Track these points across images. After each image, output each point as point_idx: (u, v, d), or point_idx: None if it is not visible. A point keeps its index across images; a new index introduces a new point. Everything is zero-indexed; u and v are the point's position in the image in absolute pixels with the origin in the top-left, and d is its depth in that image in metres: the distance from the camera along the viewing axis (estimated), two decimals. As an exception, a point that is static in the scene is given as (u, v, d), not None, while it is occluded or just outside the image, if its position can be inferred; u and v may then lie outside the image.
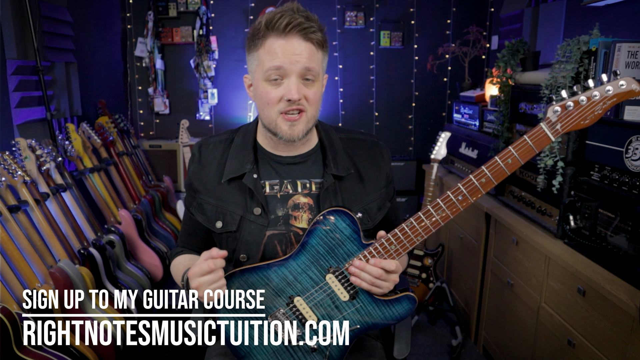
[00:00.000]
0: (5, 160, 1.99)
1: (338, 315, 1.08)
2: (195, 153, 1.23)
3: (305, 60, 1.04)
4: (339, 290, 1.07)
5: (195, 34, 4.01)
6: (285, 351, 1.10)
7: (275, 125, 1.09)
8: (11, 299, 1.71)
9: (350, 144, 1.23)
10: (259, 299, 1.08)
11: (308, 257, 1.07)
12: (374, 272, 1.01)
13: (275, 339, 1.10)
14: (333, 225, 1.06)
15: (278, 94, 1.06)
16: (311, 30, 1.04)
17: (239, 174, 1.15)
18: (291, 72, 1.04)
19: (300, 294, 1.08)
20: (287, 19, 1.02)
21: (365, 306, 1.07)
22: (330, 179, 1.15)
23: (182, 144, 3.52)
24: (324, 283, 1.07)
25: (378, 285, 1.02)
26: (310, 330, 1.08)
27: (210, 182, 1.18)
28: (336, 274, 1.07)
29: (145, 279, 2.58)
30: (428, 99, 4.29)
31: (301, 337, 1.09)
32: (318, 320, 1.08)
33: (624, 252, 1.44)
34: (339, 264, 1.06)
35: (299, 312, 1.08)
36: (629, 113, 1.50)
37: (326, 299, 1.07)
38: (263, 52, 1.05)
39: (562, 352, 1.65)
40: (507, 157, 0.98)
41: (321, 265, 1.07)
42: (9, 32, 2.36)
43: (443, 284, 2.50)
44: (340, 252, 1.06)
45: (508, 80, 2.17)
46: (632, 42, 1.51)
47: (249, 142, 1.19)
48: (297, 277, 1.08)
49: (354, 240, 1.06)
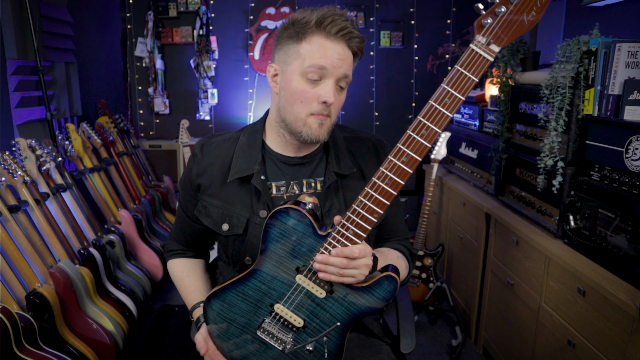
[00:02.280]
0: (5, 160, 1.99)
1: (322, 312, 1.02)
2: (197, 153, 1.20)
3: (346, 67, 1.05)
4: (314, 289, 1.01)
5: (195, 34, 4.02)
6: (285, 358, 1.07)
7: (303, 124, 1.06)
8: (11, 299, 1.71)
9: (354, 142, 1.23)
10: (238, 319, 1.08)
11: (272, 263, 1.02)
12: (337, 262, 0.94)
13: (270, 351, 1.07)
14: (284, 226, 1.00)
15: (314, 94, 1.04)
16: (356, 39, 1.05)
17: (247, 175, 1.13)
18: (331, 75, 1.04)
19: (279, 300, 1.04)
20: (340, 24, 1.02)
21: (345, 297, 1.01)
22: (332, 176, 1.15)
23: (182, 144, 3.52)
24: (296, 285, 1.02)
25: (348, 274, 0.96)
26: (301, 334, 1.05)
27: (215, 183, 1.16)
28: (304, 272, 1.01)
29: (145, 279, 2.58)
30: (428, 99, 4.28)
31: (296, 343, 1.05)
32: (305, 322, 1.04)
33: (624, 252, 1.44)
34: (305, 262, 1.01)
35: (283, 318, 1.04)
36: (629, 113, 1.50)
37: (305, 299, 1.02)
38: (307, 47, 1.03)
39: (562, 352, 1.65)
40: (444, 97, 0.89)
41: (287, 267, 1.02)
42: (9, 32, 2.36)
43: (443, 284, 2.50)
44: (302, 250, 1.00)
45: (508, 80, 2.17)
46: (632, 42, 1.52)
47: (256, 142, 1.17)
48: (270, 285, 1.03)
49: (310, 235, 0.99)
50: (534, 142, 1.99)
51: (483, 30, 0.84)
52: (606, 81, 1.55)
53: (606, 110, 1.56)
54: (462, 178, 2.80)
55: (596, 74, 1.59)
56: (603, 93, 1.57)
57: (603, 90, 1.57)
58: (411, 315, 1.36)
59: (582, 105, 1.66)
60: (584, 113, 1.66)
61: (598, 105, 1.59)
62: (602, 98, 1.58)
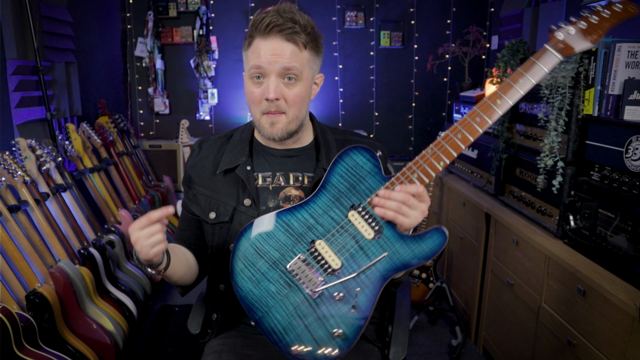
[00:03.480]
0: (5, 160, 1.99)
1: (364, 258, 0.99)
2: (196, 149, 1.27)
3: (285, 60, 1.05)
4: (363, 228, 1.00)
5: (195, 34, 4.01)
6: (307, 304, 1.00)
7: (259, 124, 1.13)
8: (11, 299, 1.71)
9: (345, 144, 1.24)
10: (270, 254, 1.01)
11: (329, 197, 1.03)
12: (399, 197, 0.95)
13: (292, 296, 1.01)
14: (352, 161, 1.03)
15: (260, 92, 1.09)
16: (293, 30, 1.05)
17: (233, 166, 1.19)
18: (270, 72, 1.07)
19: (322, 237, 1.01)
20: (268, 20, 1.04)
21: (392, 244, 0.99)
22: (321, 172, 1.16)
23: (182, 144, 3.52)
24: (346, 221, 1.01)
25: (404, 212, 0.96)
26: (334, 277, 1.00)
27: (206, 174, 1.22)
28: (359, 210, 1.01)
29: (145, 279, 2.58)
30: (428, 99, 4.29)
31: (323, 284, 0.99)
32: (342, 264, 1.00)
33: (624, 252, 1.44)
34: (361, 201, 1.01)
35: (321, 256, 1.01)
36: (629, 113, 1.50)
37: (349, 240, 1.00)
38: (250, 52, 1.09)
39: (562, 352, 1.65)
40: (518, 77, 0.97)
41: (343, 203, 1.02)
42: (9, 32, 2.36)
43: (443, 284, 2.50)
44: (362, 188, 1.02)
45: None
46: (632, 42, 1.52)
47: (246, 137, 1.23)
48: (318, 219, 1.02)
49: (375, 175, 1.02)
50: (534, 142, 1.99)
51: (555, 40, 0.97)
52: (606, 81, 1.55)
53: (606, 110, 1.57)
54: (462, 178, 2.81)
55: (596, 74, 1.59)
56: (603, 93, 1.57)
57: (603, 90, 1.57)
58: (407, 323, 1.34)
59: (582, 105, 1.66)
60: (584, 113, 1.66)
61: (598, 105, 1.59)
62: (602, 98, 1.58)
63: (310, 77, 1.12)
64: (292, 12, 1.07)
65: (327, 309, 1.00)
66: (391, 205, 0.97)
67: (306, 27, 1.07)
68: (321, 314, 1.00)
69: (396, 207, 0.96)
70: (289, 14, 1.06)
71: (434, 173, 0.99)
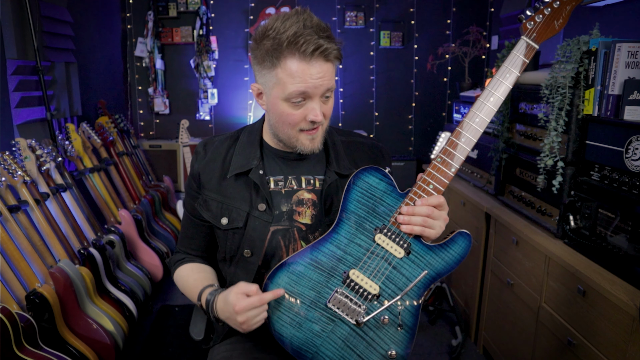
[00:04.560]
0: (5, 160, 1.99)
1: (399, 277, 1.01)
2: (200, 151, 1.23)
3: (327, 82, 1.03)
4: (392, 249, 1.01)
5: (195, 34, 4.02)
6: (354, 335, 1.02)
7: (296, 141, 1.09)
8: (11, 299, 1.71)
9: (351, 146, 1.25)
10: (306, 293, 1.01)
11: (351, 225, 1.03)
12: (423, 211, 0.98)
13: (338, 330, 1.01)
14: (365, 184, 1.04)
15: (301, 115, 1.05)
16: (333, 52, 1.01)
17: (245, 170, 1.15)
18: (315, 96, 1.03)
19: (354, 266, 1.02)
20: (313, 45, 0.97)
21: (423, 257, 1.02)
22: (333, 175, 1.17)
23: (182, 144, 3.52)
24: (375, 246, 1.02)
25: (430, 225, 0.99)
26: (375, 302, 1.01)
27: (215, 178, 1.18)
28: (384, 231, 1.02)
29: (145, 279, 2.58)
30: (428, 99, 4.29)
31: (368, 312, 1.01)
32: (380, 289, 1.01)
33: (624, 252, 1.44)
34: (384, 222, 1.02)
35: (358, 285, 1.01)
36: (629, 113, 1.50)
37: (382, 262, 1.01)
38: (283, 73, 1.01)
39: (562, 352, 1.65)
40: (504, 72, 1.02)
41: (366, 228, 1.03)
42: (9, 32, 2.36)
43: (443, 284, 2.50)
44: (382, 210, 1.03)
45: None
46: (632, 42, 1.51)
47: (255, 140, 1.20)
48: (346, 250, 1.03)
49: (391, 193, 1.04)
50: (534, 142, 1.99)
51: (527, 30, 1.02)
52: (606, 81, 1.55)
53: (606, 110, 1.56)
54: (462, 178, 2.81)
55: (596, 74, 1.59)
56: (603, 93, 1.57)
57: (603, 90, 1.57)
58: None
59: (582, 105, 1.66)
60: (584, 113, 1.66)
61: (598, 105, 1.59)
62: (602, 98, 1.58)
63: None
64: (324, 29, 1.01)
65: (375, 334, 1.02)
66: (416, 220, 0.99)
67: (338, 41, 1.04)
68: (371, 340, 1.02)
69: (422, 222, 0.99)
70: (325, 32, 1.00)
71: (448, 180, 1.01)
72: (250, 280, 1.15)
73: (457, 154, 1.01)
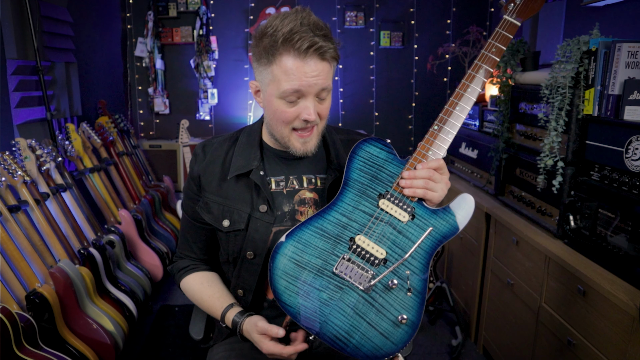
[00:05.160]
0: (5, 160, 1.99)
1: (405, 240, 1.02)
2: (199, 153, 1.21)
3: (322, 81, 1.03)
4: (397, 213, 1.02)
5: (195, 34, 4.01)
6: (363, 302, 0.99)
7: (288, 141, 1.10)
8: (11, 299, 1.71)
9: (350, 144, 1.23)
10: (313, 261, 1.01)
11: (354, 192, 1.05)
12: (424, 174, 1.02)
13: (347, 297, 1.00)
14: (367, 154, 1.07)
15: (294, 113, 1.05)
16: (329, 50, 1.01)
17: (246, 171, 1.15)
18: (309, 94, 1.03)
19: (359, 232, 1.02)
20: (308, 42, 0.97)
21: (427, 220, 1.03)
22: (334, 173, 1.17)
23: (182, 144, 3.52)
24: (379, 211, 1.03)
25: (432, 187, 1.02)
26: (382, 267, 1.00)
27: (215, 180, 1.18)
28: (387, 197, 1.04)
29: (145, 279, 2.58)
30: (428, 99, 4.29)
31: (376, 277, 1.00)
32: (387, 253, 1.01)
33: (624, 252, 1.44)
34: (387, 188, 1.05)
35: (365, 250, 1.01)
36: (629, 113, 1.50)
37: (387, 227, 1.02)
38: (278, 70, 1.01)
39: (562, 352, 1.65)
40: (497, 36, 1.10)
41: (370, 195, 1.04)
42: (9, 32, 2.36)
43: (443, 284, 2.50)
44: (384, 176, 1.06)
45: (508, 80, 2.17)
46: (632, 42, 1.51)
47: (255, 140, 1.19)
48: (351, 216, 1.03)
49: (392, 160, 1.07)
50: (534, 142, 1.99)
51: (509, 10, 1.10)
52: (606, 81, 1.55)
53: (606, 110, 1.56)
54: (462, 178, 2.80)
55: (596, 74, 1.59)
56: (603, 93, 1.57)
57: (603, 90, 1.57)
58: None
59: (582, 105, 1.66)
60: (584, 113, 1.66)
61: (598, 105, 1.59)
62: (602, 98, 1.58)
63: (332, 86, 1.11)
64: (322, 28, 1.01)
65: (384, 300, 1.00)
66: (418, 183, 1.02)
67: (335, 41, 1.04)
68: (380, 306, 1.00)
69: (424, 184, 1.02)
70: (322, 31, 1.00)
71: (445, 146, 1.05)
72: (255, 280, 1.15)
73: (452, 120, 1.06)
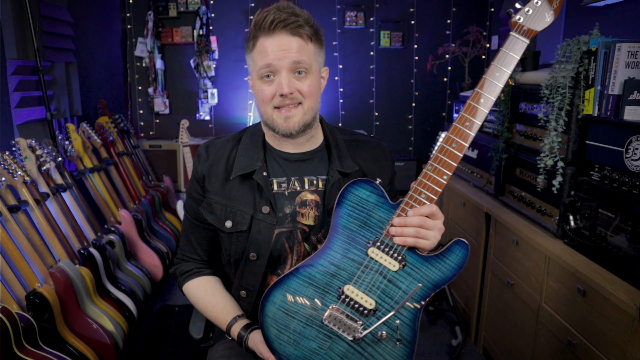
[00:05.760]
0: (5, 160, 1.99)
1: (395, 290, 0.99)
2: (202, 154, 1.21)
3: (294, 54, 1.05)
4: (386, 262, 0.99)
5: (195, 34, 4.02)
6: (353, 352, 1.00)
7: (272, 121, 1.11)
8: (11, 299, 1.71)
9: (354, 145, 1.24)
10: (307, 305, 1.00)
11: (343, 240, 1.01)
12: (415, 221, 0.96)
13: (336, 347, 1.00)
14: (356, 197, 1.02)
15: (271, 90, 1.07)
16: (297, 24, 1.05)
17: (249, 171, 1.15)
18: (281, 68, 1.06)
19: (348, 281, 1.00)
20: (271, 17, 1.04)
21: (418, 269, 0.99)
22: (336, 174, 1.16)
23: (182, 144, 3.52)
24: (369, 259, 1.00)
25: (423, 236, 0.97)
26: (372, 317, 0.98)
27: (219, 181, 1.17)
28: (377, 244, 1.00)
29: (145, 279, 2.58)
30: (428, 99, 4.29)
31: (365, 328, 0.98)
32: (376, 303, 0.98)
33: (624, 252, 1.44)
34: (377, 235, 1.00)
35: (354, 301, 0.99)
36: (629, 113, 1.50)
37: (377, 276, 0.99)
38: (255, 53, 1.08)
39: (562, 352, 1.65)
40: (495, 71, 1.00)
41: (359, 242, 1.01)
42: (9, 32, 2.36)
43: (443, 284, 2.50)
44: (373, 222, 1.01)
45: (508, 80, 2.16)
46: (632, 42, 1.51)
47: (258, 141, 1.19)
48: (340, 265, 1.01)
49: (382, 205, 1.01)
50: (534, 142, 1.99)
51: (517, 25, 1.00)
52: (606, 81, 1.55)
53: (606, 110, 1.56)
54: (462, 178, 2.80)
55: (596, 74, 1.59)
56: (603, 93, 1.57)
57: (603, 90, 1.57)
58: None
59: (582, 105, 1.66)
60: (584, 113, 1.66)
61: (598, 105, 1.59)
62: (602, 98, 1.58)
63: (318, 69, 1.12)
64: (292, 7, 1.07)
65: (374, 350, 0.99)
66: (409, 231, 0.97)
67: (308, 21, 1.07)
68: (369, 356, 1.00)
69: (414, 233, 0.96)
70: (290, 9, 1.06)
71: (440, 188, 0.99)
72: (258, 281, 1.15)
73: (448, 160, 0.98)
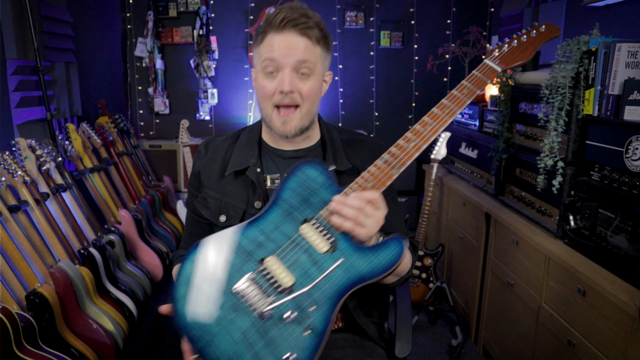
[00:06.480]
0: (5, 160, 1.99)
1: (318, 273, 0.91)
2: (201, 150, 1.26)
3: (299, 54, 1.06)
4: (316, 242, 0.93)
5: (195, 34, 4.01)
6: (255, 330, 0.88)
7: (270, 120, 1.12)
8: (11, 299, 1.71)
9: (351, 144, 1.25)
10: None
11: (280, 212, 0.98)
12: (355, 203, 0.90)
13: (239, 321, 0.89)
14: (304, 175, 1.00)
15: (273, 86, 1.09)
16: (306, 25, 1.06)
17: (243, 167, 1.18)
18: (285, 65, 1.07)
19: (272, 253, 0.93)
20: (282, 15, 1.06)
21: (348, 256, 0.92)
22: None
23: (182, 144, 3.52)
24: (298, 235, 0.94)
25: (362, 222, 0.90)
26: (287, 296, 0.90)
27: (215, 176, 1.21)
28: (312, 222, 0.95)
29: (145, 279, 2.58)
30: (428, 99, 4.29)
31: (274, 306, 0.89)
32: (295, 282, 0.90)
33: (624, 252, 1.44)
34: (314, 214, 0.96)
35: (271, 275, 0.91)
36: (629, 113, 1.50)
37: (302, 255, 0.92)
38: (262, 47, 1.09)
39: (562, 352, 1.65)
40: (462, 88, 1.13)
41: (295, 217, 0.96)
42: (9, 32, 2.36)
43: (443, 284, 2.50)
44: (315, 201, 0.97)
45: (508, 80, 2.17)
46: (632, 42, 1.52)
47: (254, 138, 1.22)
48: (269, 236, 0.95)
49: (328, 187, 0.98)
50: (534, 142, 1.99)
51: (492, 56, 1.13)
52: (606, 81, 1.55)
53: (606, 110, 1.57)
54: (462, 178, 2.80)
55: (596, 74, 1.59)
56: (603, 93, 1.57)
57: (603, 90, 1.57)
58: (409, 319, 1.35)
59: (582, 105, 1.66)
60: (584, 113, 1.66)
61: (598, 105, 1.59)
62: (602, 98, 1.58)
63: (321, 72, 1.13)
64: (304, 9, 1.09)
65: (278, 332, 0.88)
66: (348, 212, 0.91)
67: (319, 24, 1.09)
68: (271, 339, 0.88)
69: (353, 215, 0.90)
70: (302, 10, 1.08)
71: (389, 181, 0.96)
72: None
73: (403, 156, 1.00)
